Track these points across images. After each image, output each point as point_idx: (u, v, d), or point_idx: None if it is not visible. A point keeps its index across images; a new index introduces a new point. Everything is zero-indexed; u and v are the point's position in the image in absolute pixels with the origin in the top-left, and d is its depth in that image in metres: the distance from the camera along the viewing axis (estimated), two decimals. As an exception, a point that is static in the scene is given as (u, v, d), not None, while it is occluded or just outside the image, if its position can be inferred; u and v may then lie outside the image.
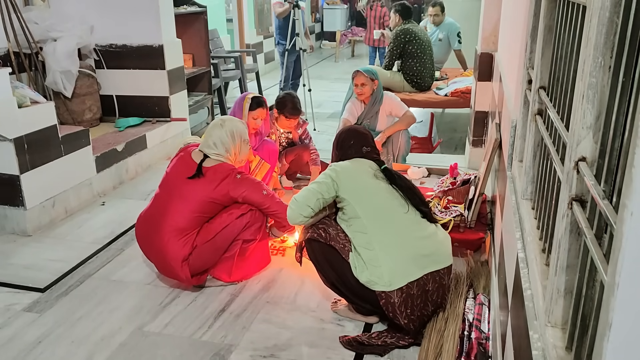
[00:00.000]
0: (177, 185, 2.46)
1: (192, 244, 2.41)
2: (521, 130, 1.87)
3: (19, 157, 2.97)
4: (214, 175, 2.44)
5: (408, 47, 5.17)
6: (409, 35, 5.16)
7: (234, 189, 2.43)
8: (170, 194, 2.46)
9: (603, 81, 0.91)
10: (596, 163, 0.94)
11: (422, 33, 5.27)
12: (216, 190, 2.42)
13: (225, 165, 2.49)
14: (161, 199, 2.49)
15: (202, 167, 2.44)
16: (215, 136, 2.51)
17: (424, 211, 2.22)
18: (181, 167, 2.51)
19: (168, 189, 2.49)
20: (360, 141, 2.34)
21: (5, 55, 3.72)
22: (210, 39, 5.78)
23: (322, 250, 2.22)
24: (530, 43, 1.77)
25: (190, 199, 2.41)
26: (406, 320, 2.07)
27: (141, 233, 2.53)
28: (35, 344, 2.19)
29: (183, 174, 2.47)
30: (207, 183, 2.42)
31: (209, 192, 2.41)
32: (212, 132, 2.53)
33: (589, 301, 0.92)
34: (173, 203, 2.42)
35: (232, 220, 2.45)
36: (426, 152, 4.81)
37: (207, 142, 2.51)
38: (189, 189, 2.43)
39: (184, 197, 2.42)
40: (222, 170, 2.46)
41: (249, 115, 3.19)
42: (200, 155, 2.50)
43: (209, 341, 2.20)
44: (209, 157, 2.49)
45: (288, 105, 3.42)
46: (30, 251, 2.96)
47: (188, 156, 2.53)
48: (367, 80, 3.77)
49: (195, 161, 2.48)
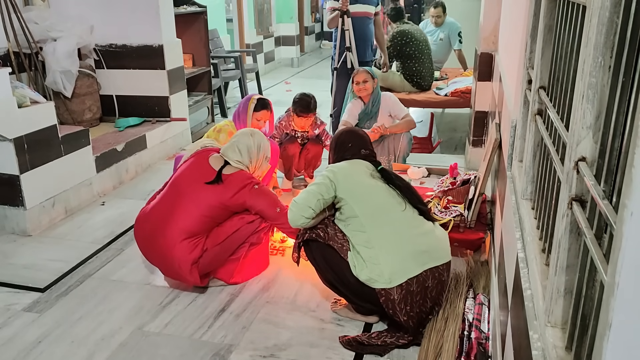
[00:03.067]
0: (191, 187, 2.43)
1: (203, 247, 2.39)
2: (521, 130, 1.87)
3: (19, 157, 2.97)
4: (232, 183, 2.42)
5: (405, 48, 5.16)
6: (405, 37, 5.15)
7: (250, 200, 2.42)
8: (180, 195, 2.43)
9: (603, 81, 0.91)
10: (596, 163, 0.94)
11: (418, 33, 5.26)
12: (232, 199, 2.40)
13: (244, 174, 2.47)
14: (169, 199, 2.45)
15: (221, 174, 2.43)
16: (243, 143, 2.51)
17: (422, 209, 2.23)
18: (196, 170, 2.48)
19: (178, 190, 2.45)
20: (358, 143, 2.35)
21: (5, 55, 3.72)
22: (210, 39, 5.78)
23: (320, 251, 2.22)
24: (530, 43, 1.77)
25: (203, 203, 2.38)
26: (405, 317, 2.07)
27: (142, 233, 2.48)
28: (35, 344, 2.19)
29: (198, 177, 2.44)
30: (224, 190, 2.40)
31: (224, 199, 2.40)
32: (240, 139, 2.53)
33: (589, 301, 0.92)
34: (183, 204, 2.39)
35: (244, 225, 2.44)
36: (426, 152, 4.81)
37: (232, 147, 2.50)
38: (203, 193, 2.40)
39: (195, 200, 2.39)
40: (240, 178, 2.44)
41: (253, 116, 3.25)
42: (220, 161, 2.48)
43: (209, 341, 2.20)
44: (230, 163, 2.48)
45: (300, 103, 3.48)
46: (30, 251, 2.96)
47: (205, 160, 2.50)
48: (368, 77, 3.78)
49: (212, 166, 2.46)
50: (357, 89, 3.82)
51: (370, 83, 3.79)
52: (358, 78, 3.81)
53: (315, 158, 3.75)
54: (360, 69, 3.87)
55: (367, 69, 3.91)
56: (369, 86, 3.79)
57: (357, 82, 3.81)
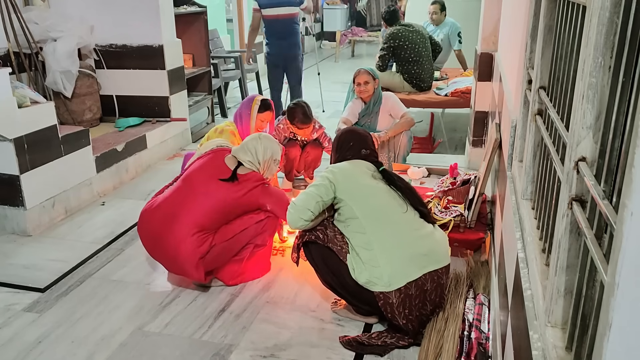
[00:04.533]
0: (204, 183, 2.47)
1: (211, 243, 2.40)
2: (521, 130, 1.87)
3: (19, 157, 2.97)
4: (246, 182, 2.48)
5: (400, 52, 5.08)
6: (397, 40, 5.05)
7: (262, 197, 2.50)
8: (194, 189, 2.46)
9: (603, 81, 0.91)
10: (596, 163, 0.94)
11: (415, 34, 5.11)
12: (245, 197, 2.46)
13: (256, 175, 2.55)
14: (182, 193, 2.47)
15: (236, 173, 2.48)
16: (252, 145, 2.58)
17: (422, 211, 2.22)
18: (211, 167, 2.53)
19: (192, 184, 2.49)
20: (359, 143, 2.34)
21: (5, 55, 3.72)
22: (210, 39, 5.78)
23: (319, 253, 2.22)
24: (530, 43, 1.77)
25: (216, 199, 2.42)
26: (404, 321, 2.07)
27: (148, 226, 2.47)
28: (35, 344, 2.19)
29: (212, 174, 2.49)
30: (238, 189, 2.46)
31: (238, 196, 2.45)
32: (249, 141, 2.61)
33: (589, 301, 0.92)
34: (196, 199, 2.42)
35: (252, 224, 2.49)
36: (426, 152, 4.81)
37: (243, 149, 2.58)
38: (217, 190, 2.44)
39: (209, 195, 2.43)
40: (253, 178, 2.51)
41: (257, 118, 3.29)
42: (234, 161, 2.54)
43: (209, 341, 2.20)
44: (243, 164, 2.53)
45: (298, 116, 3.42)
46: (30, 251, 2.96)
47: (221, 159, 2.56)
48: (370, 79, 3.77)
49: (228, 165, 2.51)
50: (359, 90, 3.80)
51: (371, 84, 3.78)
52: (359, 79, 3.79)
53: (315, 160, 3.75)
54: (362, 70, 3.82)
55: (369, 69, 3.87)
56: (370, 87, 3.79)
57: (358, 84, 3.79)
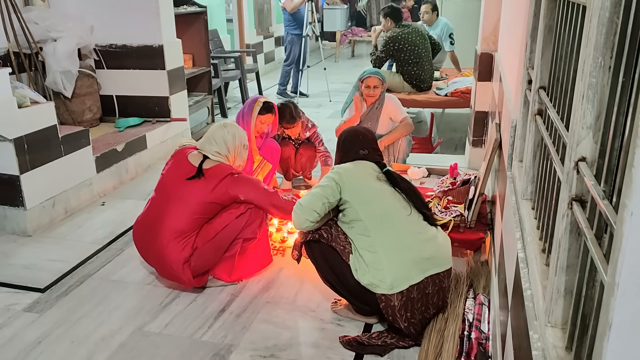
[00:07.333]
0: (175, 187, 2.45)
1: (193, 246, 2.40)
2: (521, 130, 1.87)
3: (19, 157, 2.97)
4: (213, 175, 2.44)
5: (400, 54, 5.09)
6: (397, 43, 5.07)
7: (233, 188, 2.44)
8: (167, 196, 2.46)
9: (603, 81, 0.91)
10: (596, 163, 0.94)
11: (415, 35, 5.12)
12: (215, 191, 2.42)
13: (223, 166, 2.50)
14: (158, 203, 2.49)
15: (202, 169, 2.45)
16: (217, 135, 2.54)
17: (426, 214, 2.21)
18: (177, 169, 2.51)
19: (165, 192, 2.49)
20: (363, 143, 2.32)
21: (5, 55, 3.72)
22: (210, 39, 5.78)
23: (321, 252, 2.22)
24: (530, 43, 1.77)
25: (190, 201, 2.41)
26: (406, 324, 2.07)
27: (139, 238, 2.53)
28: (35, 344, 2.19)
29: (180, 176, 2.46)
30: (206, 184, 2.42)
31: (207, 192, 2.42)
32: (214, 131, 2.57)
33: (589, 301, 0.92)
34: (171, 206, 2.42)
35: (232, 220, 2.45)
36: (426, 152, 4.81)
37: (208, 140, 2.54)
38: (188, 191, 2.42)
39: (182, 199, 2.42)
40: (220, 170, 2.47)
41: (257, 119, 3.26)
42: (199, 158, 2.51)
43: (209, 341, 2.20)
44: (208, 157, 2.50)
45: (285, 116, 3.46)
46: (30, 251, 2.96)
47: (184, 158, 2.52)
48: (379, 83, 3.76)
49: (192, 163, 2.48)
50: (367, 93, 3.78)
51: (379, 89, 3.77)
52: (370, 82, 3.76)
53: (309, 161, 3.74)
54: (372, 74, 3.79)
55: (378, 73, 3.84)
56: (378, 92, 3.78)
57: (367, 86, 3.76)
